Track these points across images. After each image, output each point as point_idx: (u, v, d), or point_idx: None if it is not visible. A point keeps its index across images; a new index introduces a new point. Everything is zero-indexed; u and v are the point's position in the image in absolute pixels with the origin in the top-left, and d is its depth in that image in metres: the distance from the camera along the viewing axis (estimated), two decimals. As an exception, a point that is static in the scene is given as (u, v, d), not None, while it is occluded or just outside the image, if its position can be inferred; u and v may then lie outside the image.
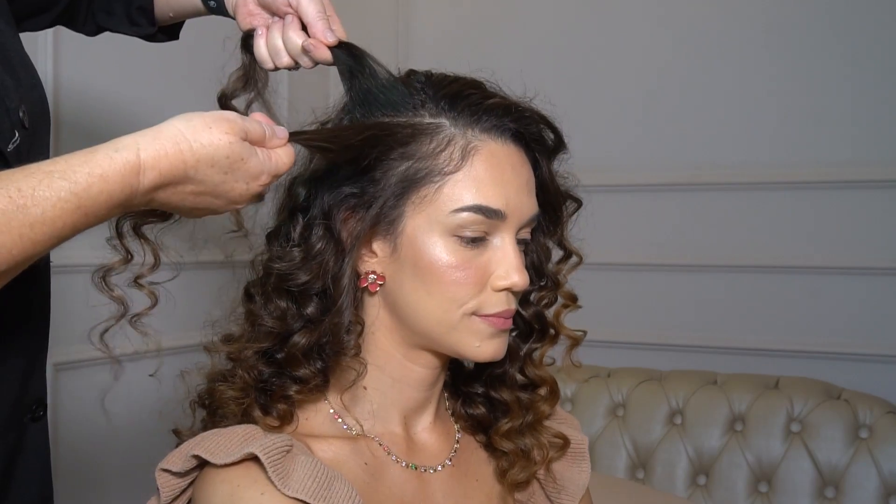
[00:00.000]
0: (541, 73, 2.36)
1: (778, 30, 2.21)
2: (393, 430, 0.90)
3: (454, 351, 0.87)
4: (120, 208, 0.73)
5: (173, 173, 0.73)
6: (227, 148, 0.75)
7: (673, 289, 2.31)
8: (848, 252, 2.13)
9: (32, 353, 0.94)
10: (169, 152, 0.72)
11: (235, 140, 0.75)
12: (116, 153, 0.70)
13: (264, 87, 0.96)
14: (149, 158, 0.71)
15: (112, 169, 0.70)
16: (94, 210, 0.70)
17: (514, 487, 0.96)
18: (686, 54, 2.29)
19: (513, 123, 0.85)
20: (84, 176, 0.69)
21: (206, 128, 0.74)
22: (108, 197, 0.70)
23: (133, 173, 0.71)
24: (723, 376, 2.08)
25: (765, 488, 1.95)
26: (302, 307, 0.85)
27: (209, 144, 0.74)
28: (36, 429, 0.95)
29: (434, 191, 0.82)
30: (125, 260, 0.84)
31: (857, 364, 2.11)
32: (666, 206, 2.31)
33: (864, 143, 2.12)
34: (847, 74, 2.14)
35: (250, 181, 0.78)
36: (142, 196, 0.73)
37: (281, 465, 0.77)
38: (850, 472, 1.88)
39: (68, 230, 0.70)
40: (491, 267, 0.84)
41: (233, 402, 0.85)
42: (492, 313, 0.84)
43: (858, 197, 2.13)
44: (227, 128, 0.75)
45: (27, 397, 0.94)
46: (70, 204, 0.68)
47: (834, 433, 1.91)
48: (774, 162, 2.20)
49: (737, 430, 1.99)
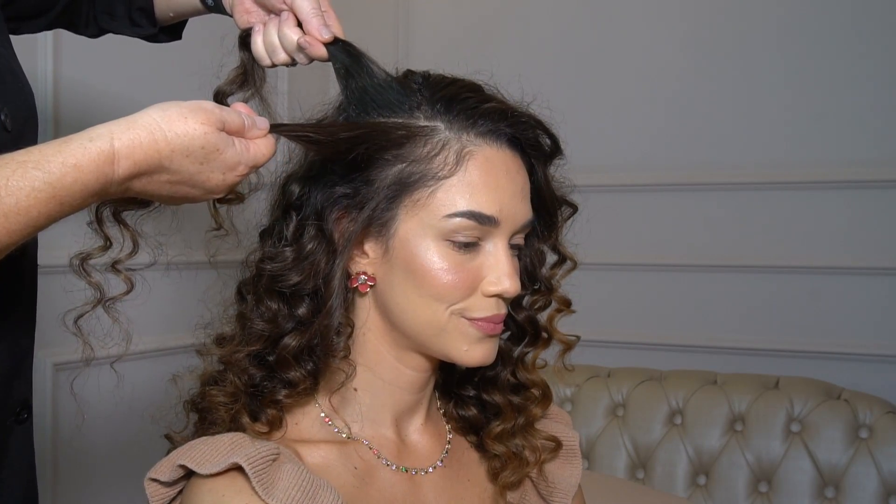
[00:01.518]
0: (541, 73, 2.36)
1: (777, 30, 2.20)
2: (384, 432, 0.90)
3: (443, 354, 0.86)
4: (95, 197, 0.73)
5: (148, 163, 0.73)
6: (203, 138, 0.74)
7: (673, 289, 2.31)
8: (848, 252, 2.13)
9: (16, 356, 0.94)
10: (143, 142, 0.72)
11: (211, 130, 0.75)
12: (90, 143, 0.70)
13: (262, 84, 0.96)
14: (123, 148, 0.71)
15: (86, 158, 0.70)
16: (69, 199, 0.70)
17: (506, 488, 0.96)
18: (688, 55, 2.29)
19: (509, 128, 0.85)
20: (58, 166, 0.69)
21: (181, 118, 0.74)
22: (83, 186, 0.70)
23: (107, 162, 0.71)
24: (723, 376, 2.08)
25: (765, 488, 1.95)
26: (293, 308, 0.85)
27: (184, 134, 0.74)
28: (20, 431, 0.95)
29: (427, 195, 0.82)
30: (104, 247, 0.84)
31: (857, 364, 2.11)
32: (666, 206, 2.31)
33: (865, 143, 2.12)
34: (847, 74, 2.13)
35: (227, 171, 0.78)
36: (117, 185, 0.73)
37: (265, 475, 0.76)
38: (850, 472, 1.88)
39: (43, 219, 0.70)
40: (483, 272, 0.84)
41: (222, 407, 0.85)
42: (480, 317, 0.84)
43: (858, 197, 2.13)
44: (203, 118, 0.75)
45: (10, 400, 0.94)
46: (44, 194, 0.68)
47: (834, 433, 1.91)
48: (774, 162, 2.20)
49: (737, 430, 1.99)
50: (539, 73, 2.36)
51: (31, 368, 0.98)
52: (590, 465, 2.09)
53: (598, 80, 2.38)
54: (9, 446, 0.94)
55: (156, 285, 0.88)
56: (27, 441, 0.98)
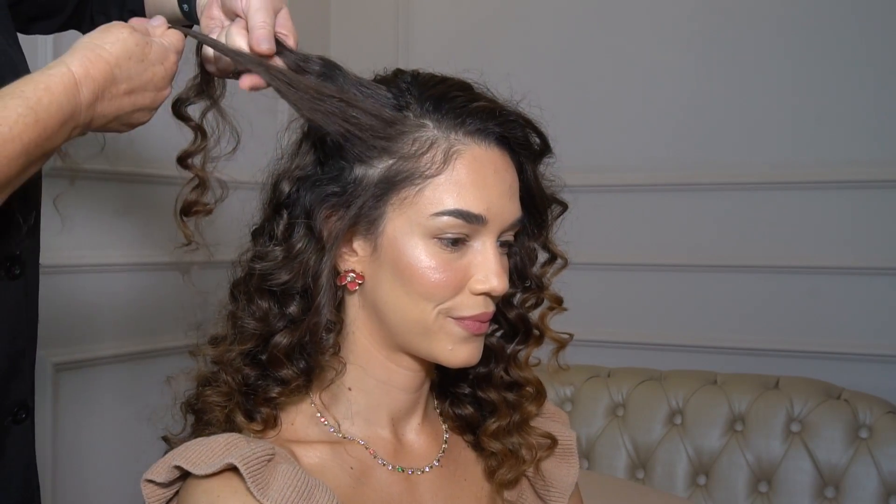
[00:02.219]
0: (542, 73, 2.37)
1: (776, 29, 2.20)
2: (380, 433, 0.90)
3: (429, 354, 0.86)
4: (70, 122, 0.78)
5: (104, 76, 0.80)
6: (131, 38, 0.83)
7: (673, 289, 2.30)
8: (848, 252, 2.13)
9: (12, 355, 0.94)
10: (92, 59, 0.79)
11: (130, 30, 0.84)
12: (50, 70, 0.78)
13: (221, 96, 0.96)
14: (79, 68, 0.78)
15: (52, 81, 0.76)
16: (50, 124, 0.76)
17: (503, 487, 0.96)
18: (687, 54, 2.29)
19: (497, 127, 0.85)
20: (31, 90, 0.75)
21: (105, 31, 0.83)
22: (59, 108, 0.76)
23: (72, 87, 0.77)
24: (723, 376, 2.07)
25: (765, 488, 1.95)
26: (284, 307, 0.85)
27: (117, 41, 0.82)
28: (17, 431, 0.96)
29: (415, 193, 0.82)
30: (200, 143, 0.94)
31: (857, 364, 2.11)
32: (667, 206, 2.31)
33: (864, 143, 2.12)
34: (847, 74, 2.13)
35: (163, 61, 0.86)
36: (85, 111, 0.79)
37: (260, 475, 0.77)
38: (850, 472, 1.88)
39: (33, 147, 0.75)
40: (470, 270, 0.84)
41: (217, 408, 0.86)
42: (467, 316, 0.84)
43: (858, 197, 2.13)
44: (118, 25, 0.84)
45: (7, 400, 0.94)
46: (29, 118, 0.74)
47: (834, 433, 1.90)
48: (774, 162, 2.20)
49: (737, 430, 1.99)
50: (539, 72, 2.37)
51: (31, 369, 0.98)
52: (590, 465, 2.09)
53: (598, 80, 2.38)
54: (5, 446, 0.94)
55: (153, 286, 0.88)
56: (26, 442, 0.98)
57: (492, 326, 0.93)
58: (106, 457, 1.83)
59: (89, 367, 1.78)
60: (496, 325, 0.95)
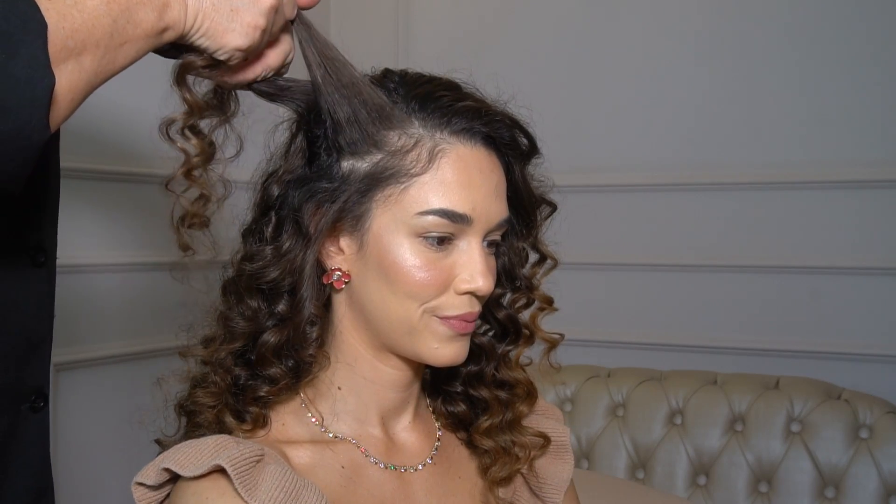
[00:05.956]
0: (542, 73, 2.37)
1: (776, 29, 2.20)
2: (371, 431, 0.91)
3: (414, 353, 0.87)
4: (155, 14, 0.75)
5: None
6: None
7: (673, 289, 2.30)
8: (848, 252, 2.13)
9: (29, 340, 0.94)
10: None
11: None
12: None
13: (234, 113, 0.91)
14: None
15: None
16: None
17: (496, 484, 0.96)
18: (686, 54, 2.28)
19: (483, 127, 0.85)
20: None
21: None
22: None
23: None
24: (723, 376, 2.07)
25: (765, 488, 1.95)
26: (273, 305, 0.86)
27: None
28: (35, 419, 0.95)
29: (400, 191, 0.83)
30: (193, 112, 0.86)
31: (857, 364, 2.11)
32: (667, 206, 2.31)
33: (865, 143, 2.12)
34: (851, 75, 2.12)
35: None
36: None
37: (248, 476, 0.77)
38: (850, 472, 1.88)
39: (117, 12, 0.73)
40: (456, 270, 0.84)
41: (207, 409, 0.86)
42: (452, 315, 0.84)
43: (858, 197, 2.13)
44: None
45: (24, 386, 0.93)
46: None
47: (834, 433, 1.90)
48: (774, 162, 2.20)
49: (737, 430, 1.99)
50: (539, 73, 2.37)
51: (47, 359, 0.98)
52: (590, 465, 2.09)
53: (598, 80, 2.38)
54: (23, 433, 0.94)
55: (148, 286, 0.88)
56: (42, 431, 0.97)
57: (483, 327, 0.94)
58: (102, 458, 1.83)
59: (85, 367, 1.78)
60: (487, 325, 0.95)
